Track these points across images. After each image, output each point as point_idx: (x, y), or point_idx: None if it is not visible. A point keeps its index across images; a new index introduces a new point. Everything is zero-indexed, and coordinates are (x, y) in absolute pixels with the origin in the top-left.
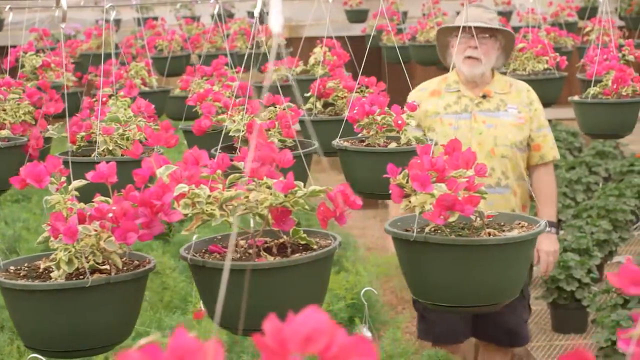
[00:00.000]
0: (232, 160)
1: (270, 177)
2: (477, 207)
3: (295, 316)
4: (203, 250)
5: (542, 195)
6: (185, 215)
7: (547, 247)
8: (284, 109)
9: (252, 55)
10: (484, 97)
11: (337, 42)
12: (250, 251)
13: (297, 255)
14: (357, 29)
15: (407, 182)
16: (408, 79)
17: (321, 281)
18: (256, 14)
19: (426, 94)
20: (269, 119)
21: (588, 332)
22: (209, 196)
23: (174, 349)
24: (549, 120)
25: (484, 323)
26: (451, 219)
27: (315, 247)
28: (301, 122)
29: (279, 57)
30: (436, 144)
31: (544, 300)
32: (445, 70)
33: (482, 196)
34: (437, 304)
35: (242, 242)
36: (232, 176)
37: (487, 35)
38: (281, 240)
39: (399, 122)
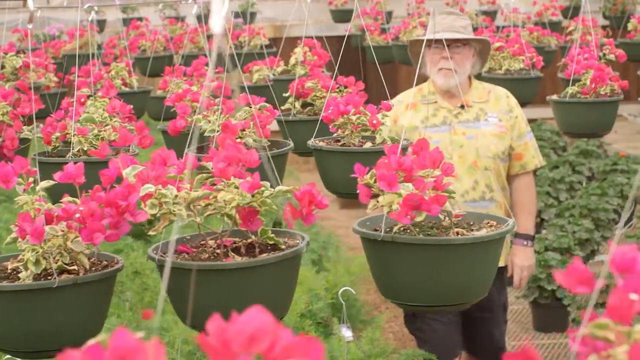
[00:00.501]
0: (200, 160)
1: (238, 177)
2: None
3: (239, 316)
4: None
5: (521, 207)
6: (153, 215)
7: (522, 261)
8: (259, 109)
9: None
10: (462, 107)
11: (317, 42)
12: (219, 251)
13: (264, 255)
14: (342, 29)
15: (375, 181)
16: (382, 78)
17: (289, 281)
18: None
19: (401, 108)
20: (244, 119)
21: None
22: (176, 196)
23: (114, 350)
24: (534, 120)
25: (472, 339)
26: (418, 219)
27: (283, 247)
28: (280, 122)
29: (262, 57)
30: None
31: (525, 299)
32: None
33: (450, 195)
34: (406, 303)
35: (211, 242)
36: (199, 176)
37: (460, 45)
38: (249, 241)
39: (374, 121)
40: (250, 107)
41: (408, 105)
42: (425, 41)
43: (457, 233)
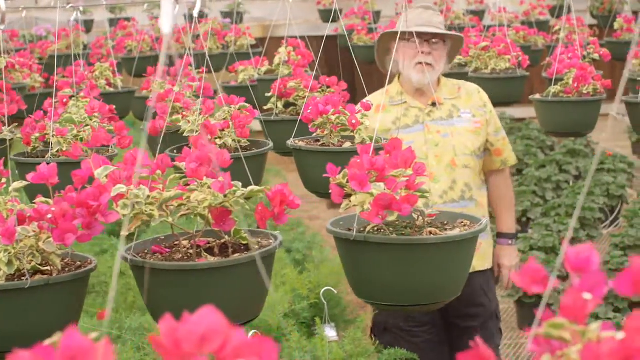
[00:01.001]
0: (174, 161)
1: (212, 177)
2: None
3: (191, 316)
4: (145, 251)
5: (502, 204)
6: (124, 216)
7: (509, 262)
8: (239, 109)
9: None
10: (433, 105)
11: (301, 42)
12: (191, 251)
13: (236, 255)
14: (330, 29)
15: (347, 181)
16: (362, 77)
17: (262, 280)
18: (195, 14)
19: (371, 111)
20: (224, 119)
21: None
22: (148, 196)
23: (64, 349)
24: (522, 119)
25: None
26: (390, 219)
27: (256, 247)
28: (262, 122)
29: (248, 57)
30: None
31: (510, 298)
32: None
33: (424, 195)
34: (379, 303)
35: (185, 243)
36: (172, 177)
37: (438, 41)
38: (223, 241)
39: (353, 121)
40: (230, 107)
41: (378, 108)
42: (398, 35)
43: (431, 233)
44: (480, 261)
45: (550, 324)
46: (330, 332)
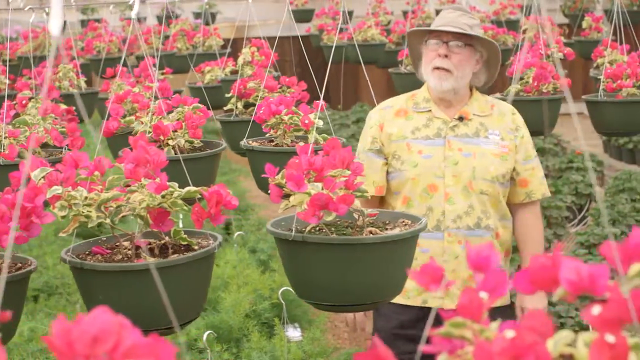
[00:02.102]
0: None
1: (149, 178)
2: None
3: (84, 317)
4: (87, 252)
5: (528, 242)
6: (63, 217)
7: (533, 305)
8: (192, 110)
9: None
10: (460, 119)
11: (265, 42)
12: (130, 252)
13: (175, 256)
14: (302, 29)
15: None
16: (316, 77)
17: (200, 281)
18: (133, 16)
19: (390, 114)
20: (177, 119)
21: None
22: (86, 198)
23: None
24: None
25: None
26: (327, 218)
27: (196, 247)
28: (222, 122)
29: (217, 57)
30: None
31: None
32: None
33: (363, 195)
34: (319, 303)
35: (126, 244)
36: (111, 178)
37: (461, 44)
38: (163, 242)
39: (306, 121)
40: (183, 108)
41: (400, 112)
42: (425, 34)
43: (371, 232)
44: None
45: (451, 323)
46: (293, 333)
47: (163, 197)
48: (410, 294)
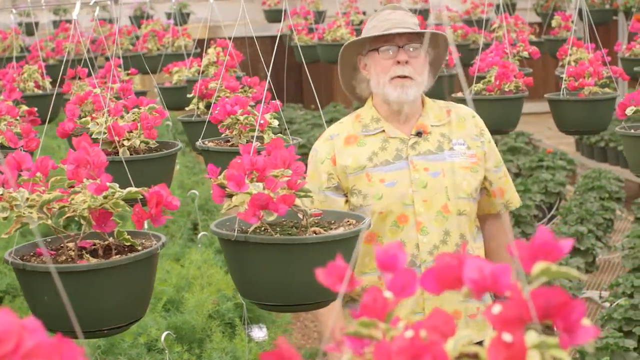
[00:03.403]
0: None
1: (92, 179)
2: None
3: None
4: (31, 254)
5: (501, 256)
6: (5, 218)
7: None
8: (148, 111)
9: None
10: (419, 134)
11: (231, 43)
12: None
13: (117, 256)
14: (274, 29)
15: None
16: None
17: (143, 282)
18: (74, 17)
19: (339, 143)
20: (133, 120)
21: None
22: (27, 199)
23: None
24: None
25: None
26: (269, 219)
27: (139, 248)
28: (183, 123)
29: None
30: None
31: None
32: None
33: (307, 194)
34: (263, 303)
35: (70, 245)
36: (53, 179)
37: (417, 45)
38: (107, 242)
39: (261, 121)
40: (139, 109)
41: (349, 139)
42: (366, 41)
43: (315, 232)
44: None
45: (360, 323)
46: (259, 333)
47: (105, 198)
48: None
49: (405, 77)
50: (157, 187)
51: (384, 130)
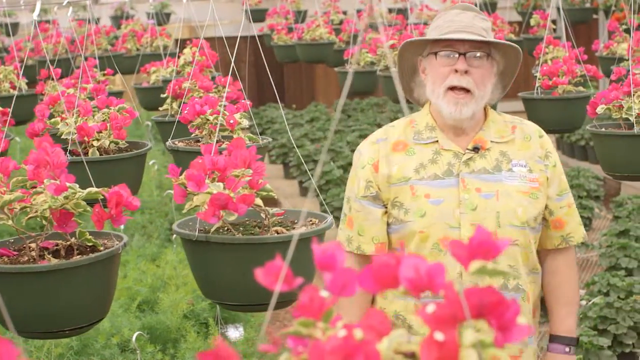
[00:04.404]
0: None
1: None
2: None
3: None
4: None
5: (560, 295)
6: None
7: None
8: (117, 111)
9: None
10: (475, 150)
11: (206, 43)
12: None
13: (77, 257)
14: (255, 29)
15: None
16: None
17: (105, 282)
18: (35, 17)
19: (386, 148)
20: (102, 121)
21: None
22: None
23: None
24: None
25: None
26: (229, 219)
27: (101, 248)
28: (157, 123)
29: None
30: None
31: None
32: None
33: (269, 194)
34: (226, 303)
35: (33, 245)
36: (14, 179)
37: (482, 54)
38: (69, 243)
39: (231, 121)
40: (109, 109)
41: (397, 145)
42: (427, 43)
43: (277, 232)
44: None
45: (299, 322)
46: (234, 333)
47: (66, 198)
48: None
49: (462, 89)
50: (117, 187)
51: (437, 141)
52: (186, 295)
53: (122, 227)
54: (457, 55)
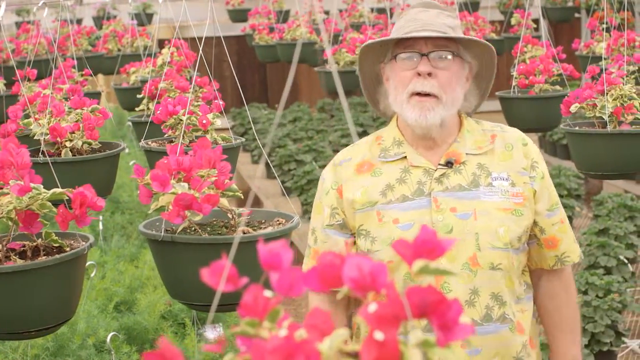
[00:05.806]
0: None
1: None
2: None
3: None
4: None
5: (559, 320)
6: None
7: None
8: (91, 112)
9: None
10: (448, 164)
11: (184, 43)
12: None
13: (43, 258)
14: (238, 29)
15: None
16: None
17: (71, 282)
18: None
19: (349, 171)
20: (75, 121)
21: None
22: None
23: None
24: None
25: None
26: (194, 219)
27: (67, 249)
28: (133, 123)
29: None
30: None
31: None
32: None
33: (235, 194)
34: (192, 303)
35: None
36: None
37: (449, 53)
38: (35, 244)
39: (204, 121)
40: (83, 110)
41: (361, 167)
42: (388, 47)
43: (244, 232)
44: None
45: (246, 322)
46: (212, 333)
47: (31, 199)
48: None
49: (427, 94)
50: (81, 188)
51: (405, 157)
52: (164, 296)
53: (101, 227)
54: (419, 57)
